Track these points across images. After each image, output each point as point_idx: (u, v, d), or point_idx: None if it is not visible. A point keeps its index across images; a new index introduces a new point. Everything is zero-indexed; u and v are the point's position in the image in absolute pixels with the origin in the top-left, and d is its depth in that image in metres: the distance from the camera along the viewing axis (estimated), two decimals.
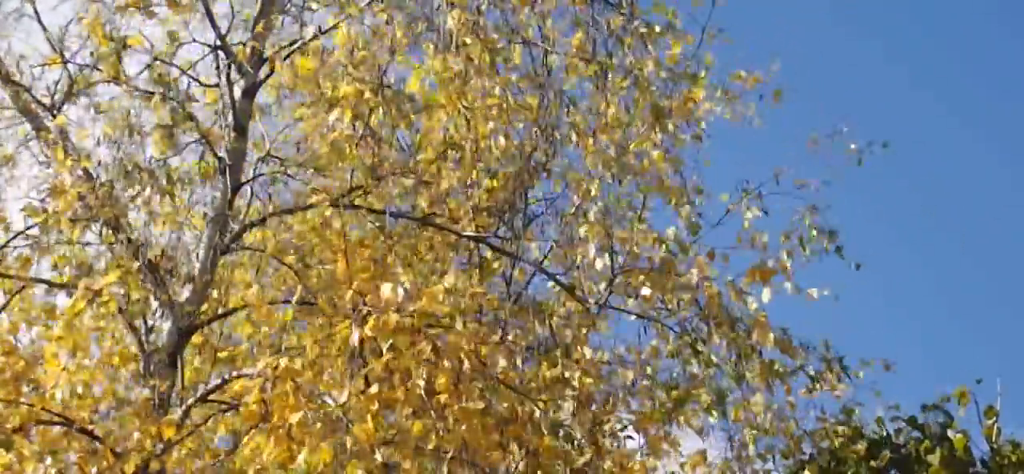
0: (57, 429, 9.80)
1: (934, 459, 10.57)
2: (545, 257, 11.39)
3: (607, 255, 10.98)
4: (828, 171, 11.50)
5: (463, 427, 9.08)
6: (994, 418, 10.93)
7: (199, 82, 11.61)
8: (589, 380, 10.36)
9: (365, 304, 9.36)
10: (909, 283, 28.50)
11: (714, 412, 10.70)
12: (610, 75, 11.07)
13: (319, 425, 8.53)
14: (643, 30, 11.18)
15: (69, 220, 10.76)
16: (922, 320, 28.62)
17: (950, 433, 10.97)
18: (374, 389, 8.73)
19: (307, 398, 8.94)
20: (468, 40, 10.97)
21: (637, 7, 11.29)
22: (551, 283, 11.31)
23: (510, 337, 10.72)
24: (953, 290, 29.17)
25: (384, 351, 9.11)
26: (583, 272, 10.89)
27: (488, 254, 11.49)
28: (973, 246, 29.43)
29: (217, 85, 11.45)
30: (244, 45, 11.41)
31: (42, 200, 10.75)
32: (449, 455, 9.13)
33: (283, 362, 8.78)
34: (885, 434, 11.26)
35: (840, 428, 11.01)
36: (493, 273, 11.48)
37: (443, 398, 9.10)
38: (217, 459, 10.38)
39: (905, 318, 27.87)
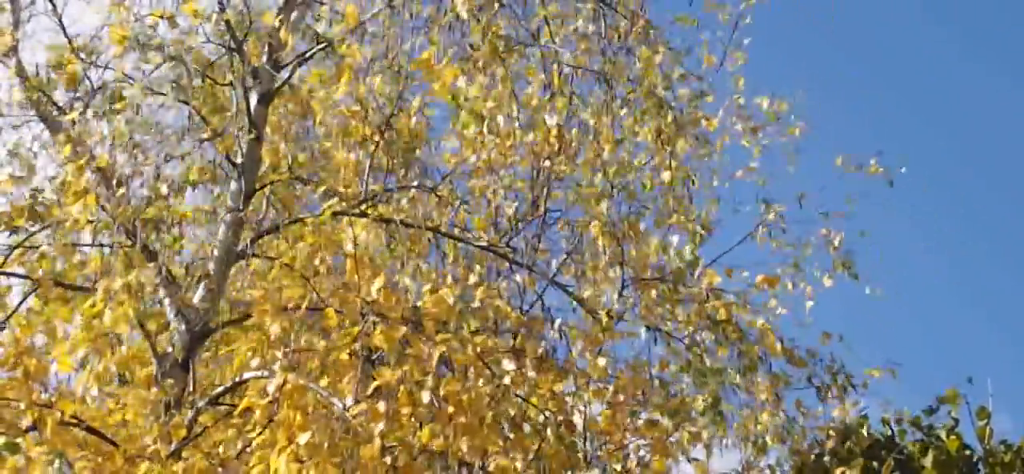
0: (68, 430, 9.89)
1: (927, 461, 10.59)
2: (559, 267, 11.46)
3: (618, 267, 11.02)
4: (855, 195, 11.69)
5: (470, 434, 9.15)
6: (986, 419, 10.94)
7: (216, 82, 11.71)
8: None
9: (373, 312, 9.45)
10: (923, 277, 28.40)
11: (711, 417, 10.73)
12: (615, 85, 11.09)
13: (327, 445, 8.59)
14: (652, 37, 11.18)
15: (87, 221, 10.84)
16: (934, 314, 28.50)
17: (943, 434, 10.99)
18: (382, 406, 8.79)
19: (316, 407, 9.03)
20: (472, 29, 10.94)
21: (646, 15, 11.29)
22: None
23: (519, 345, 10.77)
24: (967, 283, 29.06)
25: (393, 361, 9.21)
26: (594, 284, 10.93)
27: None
28: (987, 239, 29.31)
29: (231, 84, 11.53)
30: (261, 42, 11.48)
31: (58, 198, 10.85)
32: (456, 460, 9.22)
33: (291, 377, 8.84)
34: (889, 434, 11.28)
35: (833, 429, 11.05)
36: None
37: (450, 407, 9.17)
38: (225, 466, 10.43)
39: (917, 312, 27.76)
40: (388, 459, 8.84)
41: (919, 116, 29.53)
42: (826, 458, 10.87)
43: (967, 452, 10.68)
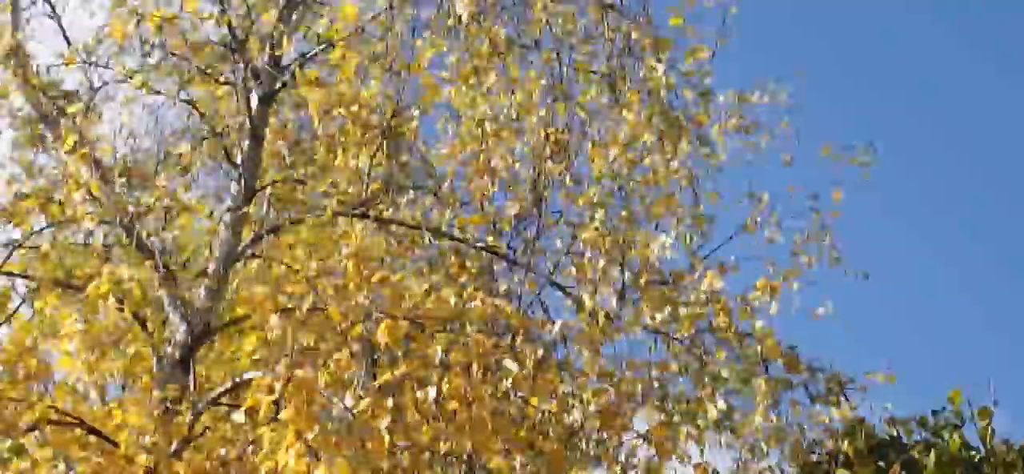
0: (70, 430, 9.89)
1: (929, 460, 10.63)
2: (555, 268, 11.48)
3: (617, 268, 11.05)
4: (840, 183, 11.72)
5: (473, 433, 9.18)
6: (988, 418, 10.98)
7: (217, 81, 11.71)
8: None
9: (377, 310, 9.47)
10: (922, 277, 28.41)
11: (720, 428, 10.76)
12: (619, 88, 11.11)
13: (335, 439, 8.61)
14: (654, 40, 11.21)
15: (83, 216, 10.83)
16: (934, 314, 28.53)
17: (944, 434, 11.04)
18: (389, 402, 8.82)
19: (321, 405, 9.05)
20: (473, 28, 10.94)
21: (650, 17, 11.31)
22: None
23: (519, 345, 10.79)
24: (968, 283, 29.08)
25: (398, 359, 9.24)
26: (592, 285, 10.95)
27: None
28: (987, 239, 29.35)
29: (232, 84, 11.53)
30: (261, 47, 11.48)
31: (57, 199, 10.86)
32: (459, 460, 9.26)
33: (298, 373, 8.85)
34: (895, 435, 11.31)
35: (836, 431, 11.10)
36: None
37: (453, 405, 9.20)
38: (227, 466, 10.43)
39: (916, 312, 27.79)
40: (394, 457, 8.87)
41: (919, 115, 29.57)
42: (826, 459, 10.89)
43: (971, 452, 10.72)
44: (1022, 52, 29.27)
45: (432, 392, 9.07)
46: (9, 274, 11.12)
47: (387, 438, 8.73)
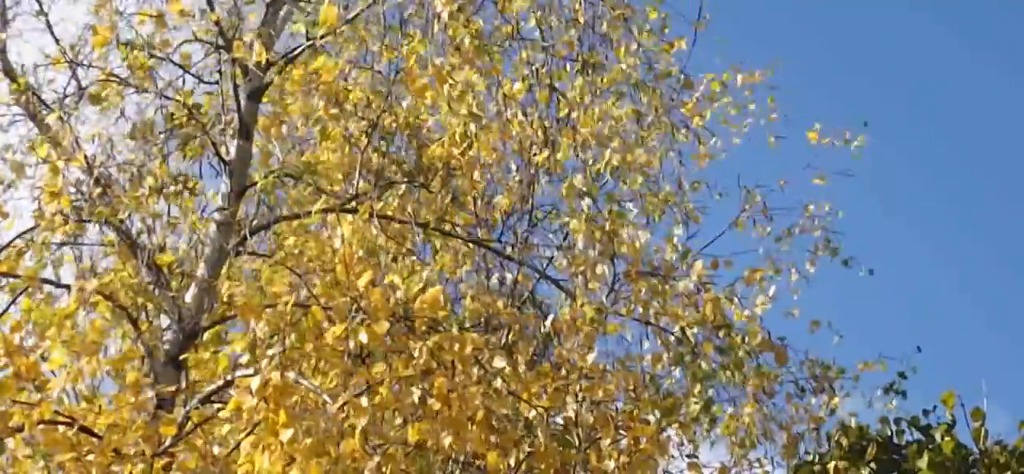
0: (60, 428, 9.86)
1: (922, 462, 10.61)
2: (549, 262, 11.47)
3: (608, 261, 11.01)
4: (832, 170, 11.71)
5: (459, 432, 9.14)
6: (981, 420, 10.95)
7: (201, 80, 11.65)
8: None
9: (362, 309, 9.42)
10: (919, 276, 28.36)
11: (702, 421, 10.73)
12: (594, 70, 11.08)
13: (309, 441, 8.57)
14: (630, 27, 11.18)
15: (64, 219, 10.78)
16: (931, 313, 28.47)
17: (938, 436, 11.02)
18: (364, 401, 8.78)
19: (305, 405, 9.01)
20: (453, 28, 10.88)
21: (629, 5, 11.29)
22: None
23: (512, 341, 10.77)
24: (966, 283, 29.02)
25: (381, 359, 9.20)
26: (583, 278, 10.91)
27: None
28: (987, 238, 29.29)
29: (218, 83, 11.48)
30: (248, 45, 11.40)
31: (38, 199, 10.82)
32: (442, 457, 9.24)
33: (275, 376, 8.82)
34: (888, 434, 11.29)
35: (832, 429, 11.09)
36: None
37: (438, 405, 9.16)
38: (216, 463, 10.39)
39: (913, 311, 27.75)
40: (377, 458, 8.83)
41: (918, 113, 29.50)
42: (817, 454, 10.88)
43: (963, 452, 10.69)
44: (1022, 52, 29.18)
45: (416, 391, 9.02)
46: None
47: (360, 437, 8.68)
